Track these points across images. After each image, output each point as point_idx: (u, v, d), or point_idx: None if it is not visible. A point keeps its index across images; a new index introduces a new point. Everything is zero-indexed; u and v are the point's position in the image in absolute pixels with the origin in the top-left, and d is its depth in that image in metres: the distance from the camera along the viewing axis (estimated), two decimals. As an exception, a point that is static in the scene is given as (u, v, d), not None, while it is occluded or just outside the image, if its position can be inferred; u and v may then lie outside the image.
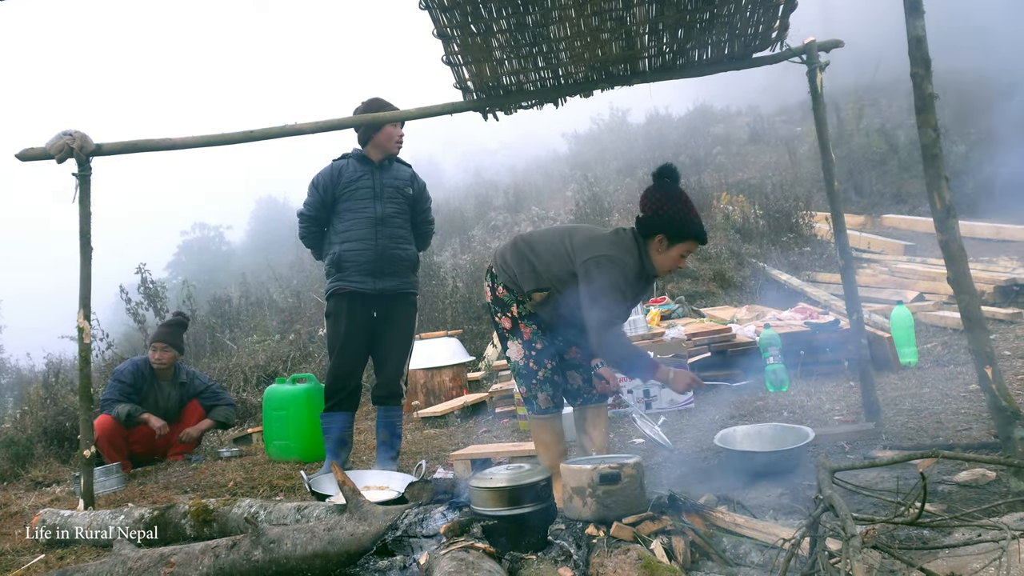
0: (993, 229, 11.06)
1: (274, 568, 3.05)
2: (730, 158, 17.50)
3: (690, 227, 3.80)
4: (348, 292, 5.03)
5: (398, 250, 5.12)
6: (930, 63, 3.38)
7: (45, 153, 4.74)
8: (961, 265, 3.32)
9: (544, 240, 4.01)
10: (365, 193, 5.08)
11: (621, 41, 4.49)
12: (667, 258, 3.83)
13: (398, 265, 5.12)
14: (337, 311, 5.09)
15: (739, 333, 7.22)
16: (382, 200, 5.10)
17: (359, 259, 5.02)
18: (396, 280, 5.12)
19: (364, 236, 5.04)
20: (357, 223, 5.05)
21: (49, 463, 7.18)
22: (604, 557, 2.68)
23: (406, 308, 5.23)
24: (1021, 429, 3.14)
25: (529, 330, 3.95)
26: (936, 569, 2.21)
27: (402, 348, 5.23)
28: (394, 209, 5.13)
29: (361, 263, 5.02)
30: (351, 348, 5.08)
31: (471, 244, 14.94)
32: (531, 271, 3.90)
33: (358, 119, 4.97)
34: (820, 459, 2.57)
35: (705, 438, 5.02)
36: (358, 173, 5.11)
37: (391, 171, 5.19)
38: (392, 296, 5.12)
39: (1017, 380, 5.37)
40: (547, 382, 3.96)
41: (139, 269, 10.86)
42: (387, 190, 5.12)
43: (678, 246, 3.81)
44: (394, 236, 5.10)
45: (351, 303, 5.05)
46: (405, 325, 5.23)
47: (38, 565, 3.78)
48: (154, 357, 6.54)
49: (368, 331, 5.12)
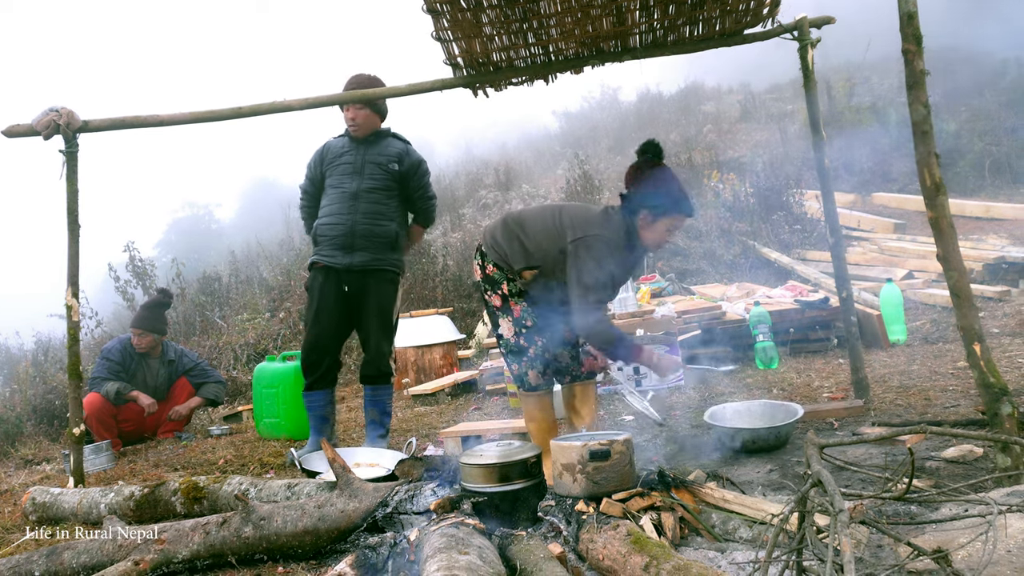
0: (983, 207, 11.09)
1: (264, 545, 3.06)
2: (721, 136, 17.47)
3: (673, 201, 3.79)
4: (322, 266, 5.04)
5: (373, 225, 5.04)
6: (922, 40, 3.36)
7: (31, 130, 4.70)
8: (950, 243, 3.32)
9: (534, 218, 4.00)
10: (346, 169, 5.07)
11: (612, 17, 4.46)
12: (654, 233, 3.83)
13: (372, 240, 5.04)
14: (312, 285, 5.11)
15: (729, 311, 7.23)
16: (362, 175, 5.05)
17: (332, 233, 5.01)
18: (368, 255, 5.03)
19: (339, 211, 5.03)
20: (335, 198, 5.06)
21: (39, 441, 7.17)
22: (594, 533, 2.69)
23: (380, 284, 5.11)
24: (1008, 406, 3.15)
25: (519, 307, 3.95)
26: (923, 544, 2.22)
27: (380, 325, 5.13)
28: (372, 184, 5.06)
29: (333, 237, 5.00)
30: (322, 323, 5.05)
31: (461, 222, 14.90)
32: (521, 249, 3.89)
33: (346, 96, 4.92)
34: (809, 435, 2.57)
35: (694, 415, 5.04)
36: (343, 149, 5.12)
37: (378, 147, 5.14)
38: (364, 271, 5.04)
39: (1005, 357, 5.41)
40: (538, 359, 3.96)
41: (127, 247, 10.82)
42: (368, 166, 5.07)
43: (663, 220, 3.80)
44: (369, 212, 5.03)
45: (325, 278, 5.04)
46: (380, 301, 5.12)
47: (28, 543, 3.77)
48: (135, 341, 6.53)
49: (343, 307, 5.09)
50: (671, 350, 6.27)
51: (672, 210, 3.79)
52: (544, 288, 3.92)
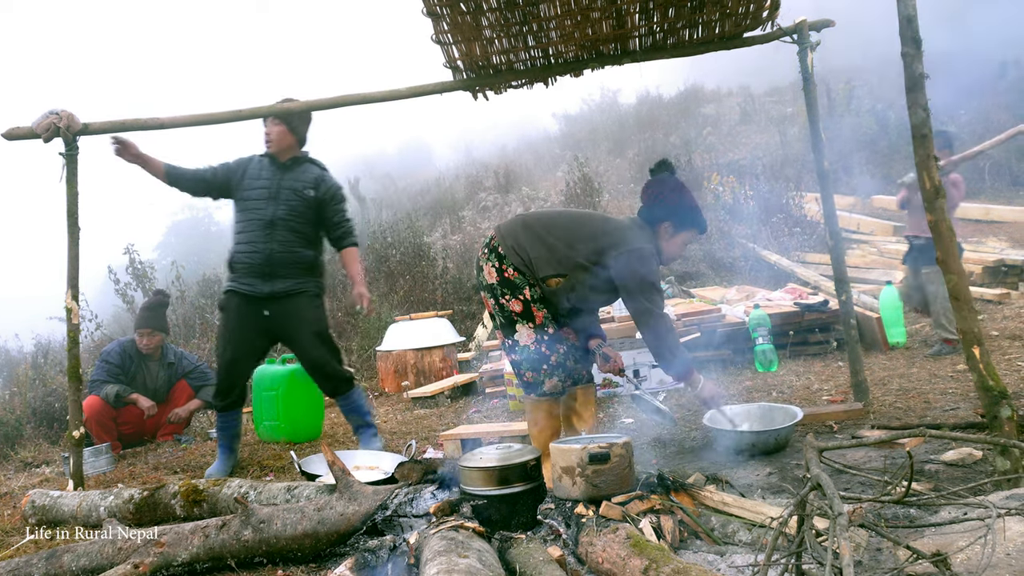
0: (982, 210, 11.10)
1: (264, 548, 3.06)
2: (721, 139, 17.49)
3: (693, 216, 3.93)
4: (239, 294, 4.97)
5: (289, 253, 4.97)
6: (921, 42, 3.37)
7: (31, 132, 4.70)
8: (949, 246, 3.32)
9: (562, 224, 3.94)
10: (261, 193, 4.98)
11: (611, 20, 4.47)
12: (674, 245, 3.94)
13: (290, 268, 4.98)
14: (227, 307, 5.03)
15: (729, 313, 7.24)
16: (277, 201, 4.96)
17: (249, 261, 4.93)
18: (289, 282, 4.97)
19: (255, 239, 4.93)
20: (250, 225, 4.96)
21: (38, 444, 7.16)
22: (593, 536, 2.69)
23: (303, 301, 5.04)
24: (1007, 408, 3.15)
25: (541, 314, 3.87)
26: (922, 547, 2.22)
27: (321, 344, 5.08)
28: (287, 211, 4.96)
29: (251, 265, 4.93)
30: (237, 346, 5.01)
31: (461, 225, 14.92)
32: (549, 256, 3.83)
33: (346, 98, 4.92)
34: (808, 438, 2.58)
35: (694, 417, 5.04)
36: (261, 171, 5.03)
37: (294, 172, 5.05)
38: (284, 297, 4.98)
39: (1005, 360, 5.41)
40: (560, 367, 3.89)
41: (127, 249, 10.82)
42: (284, 192, 4.98)
43: (683, 234, 3.93)
44: (286, 240, 4.95)
45: (240, 304, 4.96)
46: (308, 316, 5.06)
47: (28, 545, 3.77)
48: (141, 343, 6.52)
49: (261, 331, 5.03)
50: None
51: (692, 224, 3.94)
52: (568, 297, 3.89)
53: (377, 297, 10.48)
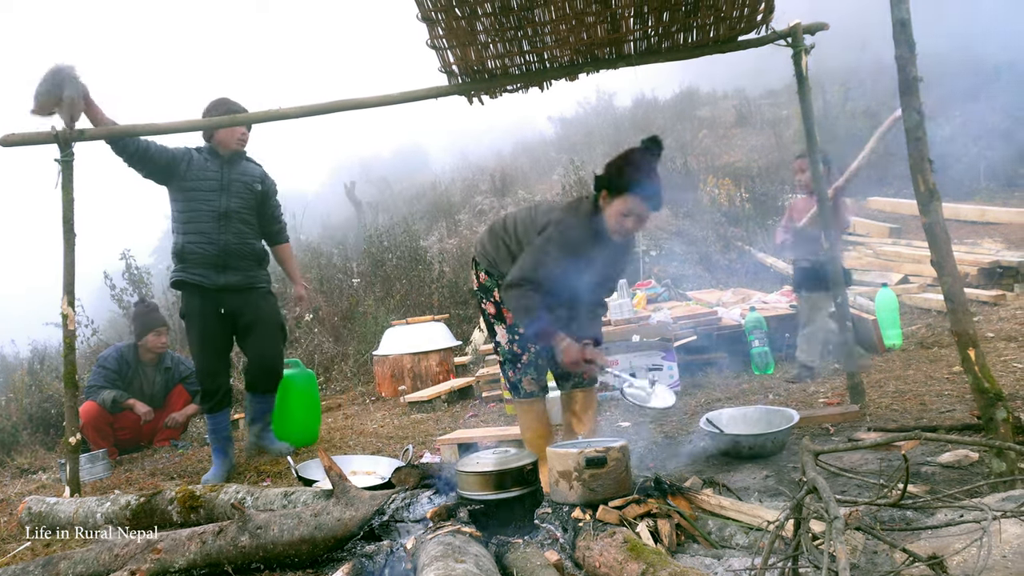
0: (977, 211, 11.12)
1: (261, 553, 3.06)
2: (716, 141, 17.50)
3: (630, 180, 3.61)
4: (191, 284, 5.07)
5: (242, 245, 5.16)
6: (914, 46, 3.38)
7: (27, 139, 4.70)
8: (945, 248, 3.33)
9: (517, 219, 3.96)
10: (211, 185, 5.11)
11: (606, 24, 4.47)
12: (611, 213, 3.68)
13: (242, 260, 5.17)
14: (189, 311, 5.14)
15: (725, 316, 7.24)
16: (228, 194, 5.13)
17: (202, 251, 5.05)
18: (240, 275, 5.15)
19: (208, 230, 5.06)
20: (201, 215, 5.07)
21: (35, 450, 7.15)
22: (590, 540, 2.69)
23: (259, 295, 5.28)
24: (1003, 411, 3.16)
25: (512, 314, 3.92)
26: (919, 550, 2.23)
27: (275, 335, 5.35)
28: (239, 204, 5.16)
29: (205, 255, 5.05)
30: (209, 348, 5.15)
31: (458, 228, 14.91)
32: (507, 253, 3.89)
33: (340, 103, 4.91)
34: (804, 441, 2.58)
35: (691, 420, 5.04)
36: (207, 164, 5.15)
37: (239, 167, 5.25)
38: (237, 290, 5.15)
39: (1000, 362, 5.42)
40: (531, 365, 3.96)
41: (123, 255, 10.80)
42: (235, 184, 5.17)
43: (618, 200, 3.65)
44: (239, 232, 5.14)
45: (202, 302, 5.10)
46: (268, 311, 5.29)
47: (24, 552, 3.77)
48: (159, 342, 6.54)
49: (223, 328, 5.20)
50: (667, 356, 6.27)
51: (628, 189, 3.62)
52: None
53: (373, 301, 10.47)
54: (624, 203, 3.63)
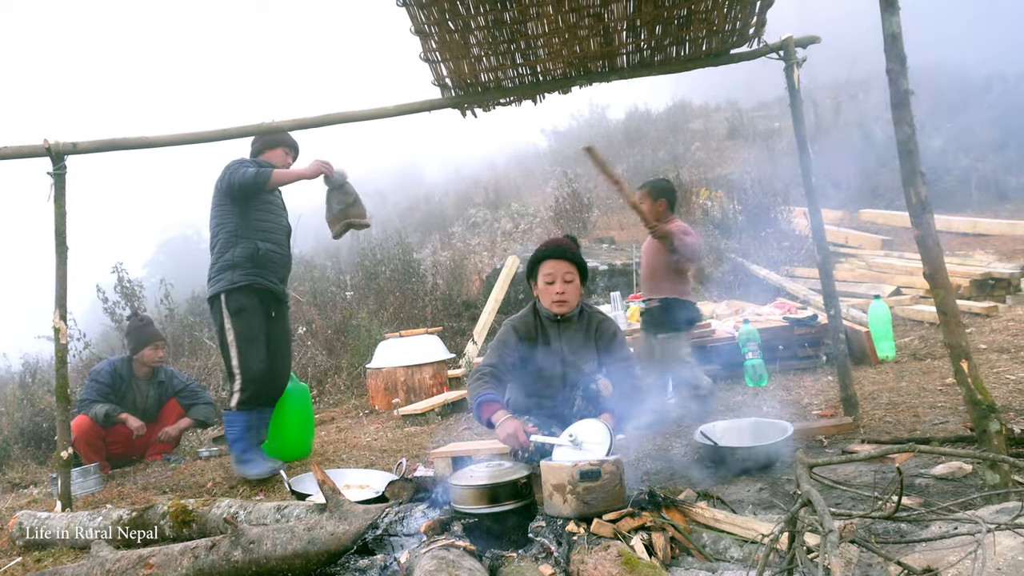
0: (970, 223, 11.17)
1: (254, 568, 3.04)
2: (709, 154, 17.58)
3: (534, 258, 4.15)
4: (262, 288, 5.20)
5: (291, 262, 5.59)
6: (905, 59, 3.39)
7: (18, 152, 4.69)
8: (937, 260, 3.34)
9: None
10: (280, 203, 5.47)
11: (599, 37, 4.49)
12: (540, 292, 4.12)
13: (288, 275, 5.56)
14: (247, 307, 5.16)
15: (718, 328, 7.25)
16: (286, 214, 5.51)
17: (279, 261, 5.32)
18: (286, 288, 5.52)
19: (282, 241, 5.36)
20: (278, 228, 5.36)
21: (26, 464, 7.12)
22: (584, 554, 2.69)
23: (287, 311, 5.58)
24: (996, 423, 3.16)
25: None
26: (913, 562, 2.23)
27: (290, 353, 5.65)
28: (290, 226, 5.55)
29: (280, 265, 5.33)
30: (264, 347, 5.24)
31: (451, 241, 14.93)
32: None
33: (334, 116, 4.92)
34: (798, 454, 2.58)
35: (685, 433, 5.04)
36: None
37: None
38: (284, 302, 5.47)
39: (993, 374, 5.43)
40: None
41: (116, 268, 10.78)
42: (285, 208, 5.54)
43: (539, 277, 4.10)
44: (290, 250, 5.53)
45: (262, 301, 5.23)
46: (289, 329, 5.61)
47: (15, 568, 3.74)
48: (156, 355, 6.53)
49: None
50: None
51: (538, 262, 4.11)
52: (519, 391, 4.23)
53: (367, 314, 10.46)
54: (541, 276, 4.10)
